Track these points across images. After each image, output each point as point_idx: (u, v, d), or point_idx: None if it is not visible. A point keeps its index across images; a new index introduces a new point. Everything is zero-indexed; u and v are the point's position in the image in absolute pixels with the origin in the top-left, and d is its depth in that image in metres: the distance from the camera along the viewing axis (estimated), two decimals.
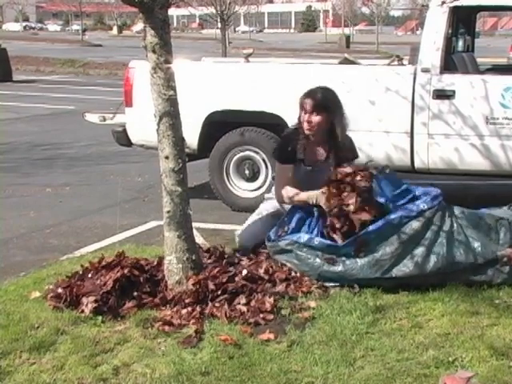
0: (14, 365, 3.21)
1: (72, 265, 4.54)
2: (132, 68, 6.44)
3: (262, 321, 3.58)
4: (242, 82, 6.31)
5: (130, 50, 30.47)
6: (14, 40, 40.46)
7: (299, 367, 3.14)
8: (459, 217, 4.19)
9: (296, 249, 4.15)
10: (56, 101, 15.94)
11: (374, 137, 5.90)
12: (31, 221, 6.13)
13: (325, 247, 4.07)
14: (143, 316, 3.69)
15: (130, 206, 6.55)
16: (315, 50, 38.69)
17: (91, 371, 3.13)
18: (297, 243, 4.15)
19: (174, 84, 3.86)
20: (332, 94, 4.64)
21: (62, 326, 3.56)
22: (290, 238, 4.20)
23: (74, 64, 26.43)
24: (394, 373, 3.08)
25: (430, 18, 5.94)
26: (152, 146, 5.38)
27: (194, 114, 5.98)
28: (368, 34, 62.87)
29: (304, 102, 4.58)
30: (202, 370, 3.12)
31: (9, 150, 9.68)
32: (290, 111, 6.00)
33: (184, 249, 3.93)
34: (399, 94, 5.81)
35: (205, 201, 6.49)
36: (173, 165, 3.88)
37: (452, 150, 5.76)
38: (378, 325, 3.56)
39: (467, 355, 3.22)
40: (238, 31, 73.86)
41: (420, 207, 4.09)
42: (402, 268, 3.98)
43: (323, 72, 6.37)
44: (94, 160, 8.98)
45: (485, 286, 4.00)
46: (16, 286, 4.20)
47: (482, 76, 5.88)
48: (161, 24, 3.79)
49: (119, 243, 5.24)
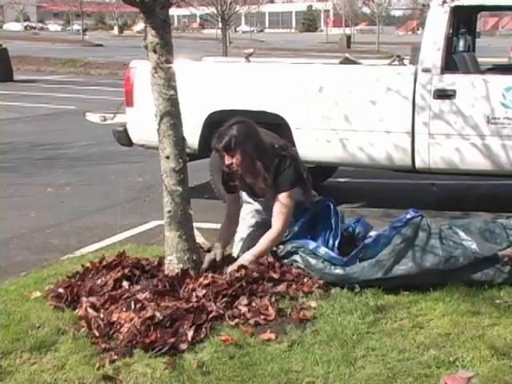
0: (15, 364, 3.21)
1: (73, 265, 4.54)
2: (133, 68, 6.44)
3: (262, 321, 3.57)
4: (243, 82, 6.32)
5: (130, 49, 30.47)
6: (14, 40, 40.47)
7: (300, 367, 3.14)
8: (446, 226, 4.26)
9: (302, 252, 4.16)
10: (57, 101, 15.95)
11: (375, 137, 5.90)
12: (32, 221, 6.13)
13: (329, 258, 4.08)
14: None
15: (130, 206, 6.56)
16: (316, 49, 38.66)
17: (92, 371, 3.13)
18: (303, 248, 4.17)
19: (174, 84, 3.86)
20: (239, 130, 4.17)
21: (62, 326, 3.56)
22: (298, 242, 4.21)
23: (74, 64, 26.44)
24: (395, 373, 3.08)
25: (430, 17, 5.94)
26: (153, 145, 5.38)
27: (194, 114, 5.99)
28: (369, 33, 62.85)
29: (215, 146, 4.25)
30: (203, 369, 3.12)
31: (10, 150, 9.69)
32: (290, 111, 6.03)
33: (185, 249, 3.93)
34: (400, 94, 5.82)
35: (205, 201, 6.49)
36: (173, 164, 3.88)
37: (453, 149, 5.76)
38: (379, 325, 3.56)
39: (468, 355, 3.22)
40: (238, 31, 73.82)
41: (406, 217, 4.13)
42: (402, 266, 3.98)
43: (324, 72, 6.37)
44: (95, 160, 8.99)
45: (486, 285, 4.00)
46: (17, 286, 4.20)
47: (483, 76, 5.88)
48: (162, 24, 3.79)
49: (120, 243, 5.25)
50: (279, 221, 4.17)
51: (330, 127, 5.98)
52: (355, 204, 6.45)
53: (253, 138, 4.20)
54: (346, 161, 6.14)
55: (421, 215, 4.18)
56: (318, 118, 6.00)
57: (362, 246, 4.10)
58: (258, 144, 4.22)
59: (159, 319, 3.44)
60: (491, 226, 4.25)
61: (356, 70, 6.41)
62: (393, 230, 4.09)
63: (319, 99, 5.99)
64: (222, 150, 4.18)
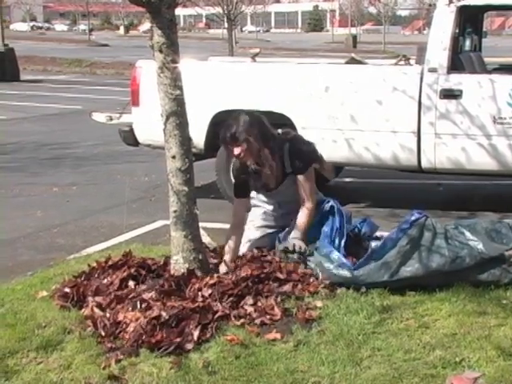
0: (22, 364, 3.22)
1: (79, 264, 4.55)
2: (139, 68, 6.45)
3: (268, 321, 3.57)
4: (249, 82, 6.32)
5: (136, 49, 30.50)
6: (21, 40, 40.54)
7: (306, 367, 3.14)
8: (452, 225, 4.25)
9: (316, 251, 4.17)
10: (63, 100, 15.98)
11: (381, 136, 5.89)
12: (38, 220, 6.14)
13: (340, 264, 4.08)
14: None
15: (136, 206, 6.56)
16: (322, 49, 38.63)
17: (98, 370, 3.13)
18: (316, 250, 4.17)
19: (180, 83, 3.86)
20: (242, 122, 4.24)
21: (68, 325, 3.56)
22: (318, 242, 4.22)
23: (80, 64, 26.50)
24: (401, 373, 3.07)
25: (437, 17, 5.93)
26: (159, 145, 5.38)
27: (200, 114, 5.99)
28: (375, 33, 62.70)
29: (223, 143, 4.38)
30: (209, 369, 3.12)
31: (16, 150, 9.72)
32: (296, 111, 6.03)
33: (191, 248, 3.94)
34: (406, 94, 5.81)
35: (211, 200, 6.49)
36: (179, 164, 3.88)
37: (459, 149, 5.75)
38: (385, 325, 3.55)
39: (474, 355, 3.21)
40: (244, 31, 73.82)
41: (411, 219, 4.11)
42: (408, 268, 3.97)
43: (330, 72, 6.37)
44: (101, 159, 9.00)
45: (492, 286, 3.98)
46: (23, 286, 4.21)
47: (490, 76, 5.87)
48: (168, 24, 3.79)
49: (126, 243, 5.25)
50: (310, 197, 4.30)
51: (336, 127, 5.98)
52: (361, 204, 6.44)
53: (258, 126, 4.29)
54: (351, 161, 6.14)
55: (425, 215, 4.17)
56: (324, 117, 6.00)
57: (371, 252, 4.09)
58: (263, 132, 4.30)
59: (165, 319, 3.44)
60: (497, 226, 4.24)
61: (362, 69, 6.40)
62: (400, 233, 4.07)
63: (325, 99, 5.99)
64: (228, 141, 4.24)
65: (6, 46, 21.12)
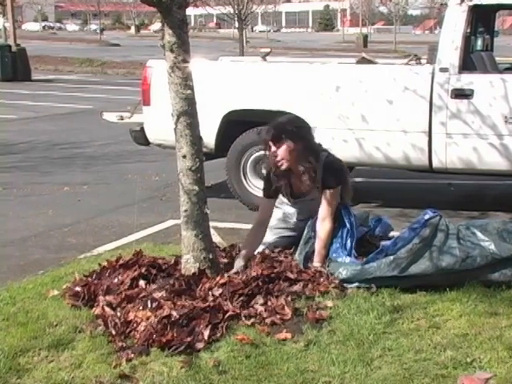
0: (33, 362, 3.24)
1: (90, 263, 4.57)
2: (150, 67, 6.46)
3: (278, 320, 3.57)
4: (260, 82, 6.31)
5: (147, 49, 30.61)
6: (33, 40, 40.77)
7: (316, 367, 3.14)
8: (464, 225, 4.26)
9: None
10: (74, 100, 16.04)
11: (391, 136, 5.88)
12: (49, 219, 6.17)
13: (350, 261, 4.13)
14: None
15: (147, 205, 6.58)
16: (333, 49, 38.60)
17: (109, 369, 3.14)
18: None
19: (191, 83, 3.87)
20: (290, 123, 4.37)
21: (80, 324, 3.58)
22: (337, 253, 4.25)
23: (92, 63, 26.60)
24: (412, 373, 3.07)
25: (448, 16, 5.91)
26: (169, 145, 5.39)
27: (211, 114, 5.99)
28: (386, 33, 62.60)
29: (264, 139, 4.41)
30: (219, 368, 3.13)
31: (28, 149, 9.76)
32: (307, 110, 6.01)
33: (201, 248, 3.94)
34: (417, 94, 5.79)
35: (222, 200, 6.50)
36: (190, 164, 3.89)
37: (470, 149, 5.73)
38: (396, 325, 3.55)
39: (485, 356, 3.20)
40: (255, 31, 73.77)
41: (424, 218, 4.11)
42: (418, 266, 3.97)
43: (341, 71, 6.36)
44: (112, 159, 9.03)
45: (503, 286, 3.97)
46: (34, 284, 4.23)
47: (501, 75, 5.84)
48: (179, 23, 3.79)
49: (136, 242, 5.26)
50: (331, 216, 4.25)
51: (346, 127, 5.97)
52: (371, 204, 6.43)
53: (305, 133, 4.35)
54: (362, 160, 6.13)
55: (439, 215, 4.16)
56: (334, 117, 5.99)
57: (381, 250, 4.09)
58: (308, 141, 4.35)
59: (176, 318, 3.45)
60: (509, 226, 4.22)
61: (373, 69, 6.39)
62: (411, 232, 4.07)
63: (336, 99, 5.98)
64: (272, 138, 4.27)
65: (18, 45, 21.22)
